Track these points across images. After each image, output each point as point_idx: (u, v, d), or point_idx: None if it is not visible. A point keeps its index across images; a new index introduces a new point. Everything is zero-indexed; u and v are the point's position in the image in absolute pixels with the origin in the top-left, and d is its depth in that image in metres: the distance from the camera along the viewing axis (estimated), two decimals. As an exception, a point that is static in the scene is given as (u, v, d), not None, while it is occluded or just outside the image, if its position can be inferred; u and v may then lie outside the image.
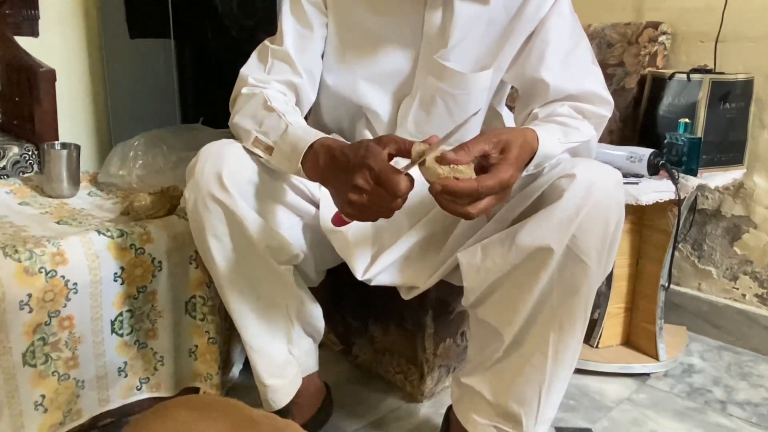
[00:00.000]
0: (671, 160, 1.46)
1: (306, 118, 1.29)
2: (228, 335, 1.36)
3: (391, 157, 0.89)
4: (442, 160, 0.85)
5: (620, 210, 0.94)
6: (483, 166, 0.90)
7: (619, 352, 1.60)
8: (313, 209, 1.13)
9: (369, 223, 1.13)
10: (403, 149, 0.88)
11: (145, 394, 1.25)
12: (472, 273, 1.00)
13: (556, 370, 1.01)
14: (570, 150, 1.00)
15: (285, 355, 1.15)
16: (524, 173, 0.94)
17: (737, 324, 1.72)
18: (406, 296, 1.18)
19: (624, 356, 1.58)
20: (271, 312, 1.11)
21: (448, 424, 1.21)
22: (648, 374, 1.55)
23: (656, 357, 1.56)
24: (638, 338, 1.61)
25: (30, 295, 1.04)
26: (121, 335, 1.18)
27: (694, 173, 1.44)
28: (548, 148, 0.95)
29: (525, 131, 0.94)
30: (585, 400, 1.44)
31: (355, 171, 0.86)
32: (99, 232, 1.15)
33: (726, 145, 1.55)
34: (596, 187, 0.91)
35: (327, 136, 0.98)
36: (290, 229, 1.09)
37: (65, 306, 1.08)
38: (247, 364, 1.36)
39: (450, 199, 0.85)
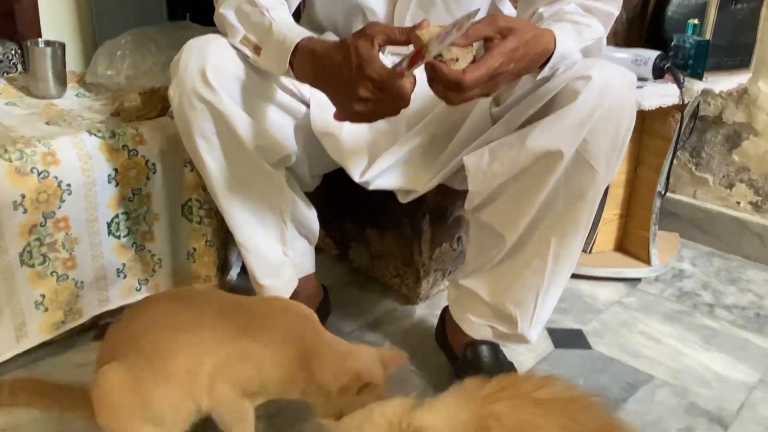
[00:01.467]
0: (677, 64, 1.42)
1: (299, 14, 1.23)
2: (225, 238, 1.36)
3: (380, 48, 0.84)
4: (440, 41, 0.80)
5: (632, 114, 0.92)
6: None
7: (612, 257, 1.63)
8: (304, 108, 1.09)
9: (363, 126, 1.10)
10: (393, 39, 0.82)
11: (144, 294, 1.26)
12: (478, 176, 0.99)
13: (554, 274, 1.02)
14: (582, 49, 0.96)
15: (279, 256, 1.15)
16: (539, 76, 0.91)
17: (729, 231, 1.74)
18: (403, 200, 1.17)
19: (616, 261, 1.60)
20: (264, 213, 1.10)
21: (444, 324, 1.24)
22: (639, 279, 1.58)
23: (648, 262, 1.58)
24: (631, 244, 1.63)
25: (23, 196, 1.03)
26: (118, 237, 1.18)
27: (699, 77, 1.41)
28: (565, 48, 0.90)
29: (540, 29, 0.89)
30: (577, 303, 1.47)
31: (355, 83, 0.82)
32: (90, 133, 1.12)
33: (733, 49, 1.50)
34: (611, 90, 0.88)
35: (311, 35, 0.92)
36: (281, 129, 1.06)
37: (60, 207, 1.07)
38: (245, 267, 1.37)
39: (435, 78, 0.81)
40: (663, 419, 1.10)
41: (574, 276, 1.54)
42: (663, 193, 1.55)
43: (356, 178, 1.09)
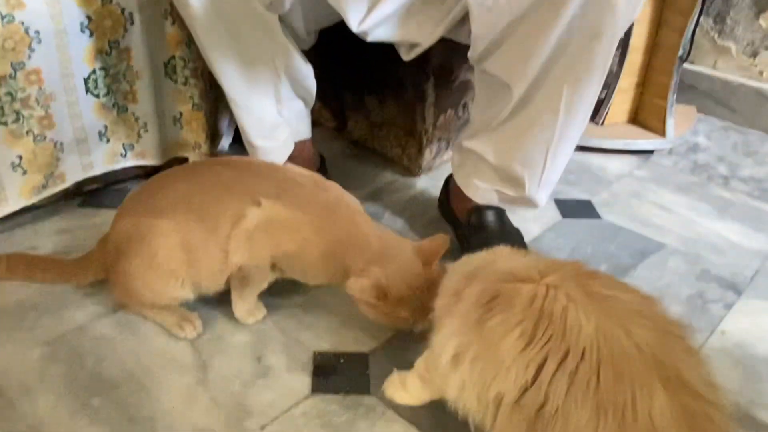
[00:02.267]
0: None
1: None
2: (214, 104, 1.27)
3: None
4: None
5: None
6: None
7: (625, 129, 1.54)
8: None
9: None
10: None
11: (130, 161, 1.20)
12: (482, 15, 0.88)
13: (565, 129, 0.94)
14: None
15: (274, 115, 1.08)
16: None
17: (749, 103, 1.65)
18: (406, 56, 1.07)
19: (629, 133, 1.52)
20: (256, 63, 1.01)
21: (447, 192, 1.17)
22: (652, 152, 1.51)
23: (663, 134, 1.50)
24: (647, 115, 1.54)
25: (-14, 43, 0.94)
26: (97, 96, 1.09)
27: None
28: None
29: None
30: (586, 175, 1.40)
31: None
32: (57, -25, 1.01)
33: None
34: None
35: None
36: None
37: (30, 58, 0.98)
38: (237, 137, 1.30)
39: None
40: (674, 285, 1.06)
41: (584, 149, 1.48)
42: (686, 56, 1.44)
43: (354, 27, 0.99)
